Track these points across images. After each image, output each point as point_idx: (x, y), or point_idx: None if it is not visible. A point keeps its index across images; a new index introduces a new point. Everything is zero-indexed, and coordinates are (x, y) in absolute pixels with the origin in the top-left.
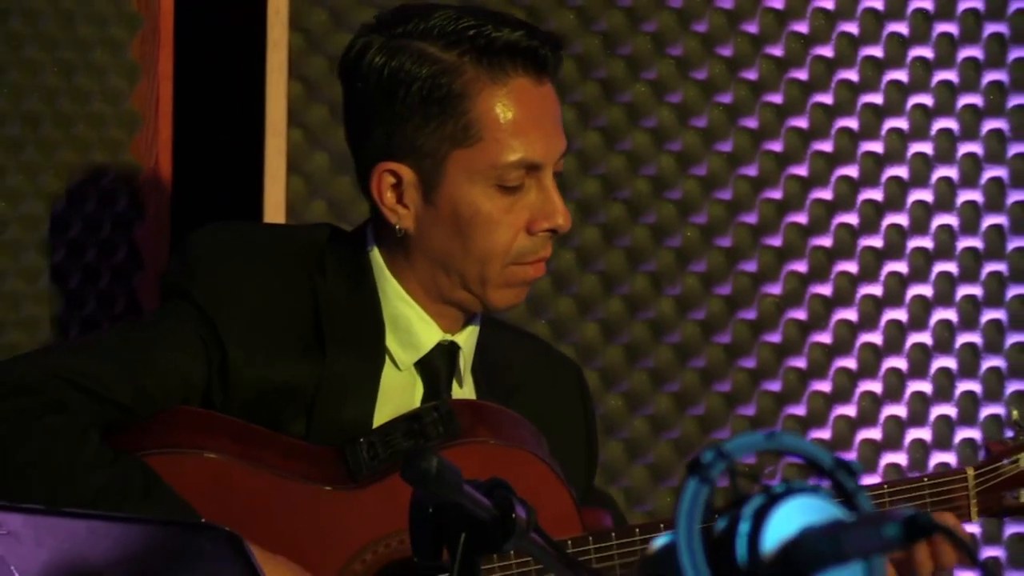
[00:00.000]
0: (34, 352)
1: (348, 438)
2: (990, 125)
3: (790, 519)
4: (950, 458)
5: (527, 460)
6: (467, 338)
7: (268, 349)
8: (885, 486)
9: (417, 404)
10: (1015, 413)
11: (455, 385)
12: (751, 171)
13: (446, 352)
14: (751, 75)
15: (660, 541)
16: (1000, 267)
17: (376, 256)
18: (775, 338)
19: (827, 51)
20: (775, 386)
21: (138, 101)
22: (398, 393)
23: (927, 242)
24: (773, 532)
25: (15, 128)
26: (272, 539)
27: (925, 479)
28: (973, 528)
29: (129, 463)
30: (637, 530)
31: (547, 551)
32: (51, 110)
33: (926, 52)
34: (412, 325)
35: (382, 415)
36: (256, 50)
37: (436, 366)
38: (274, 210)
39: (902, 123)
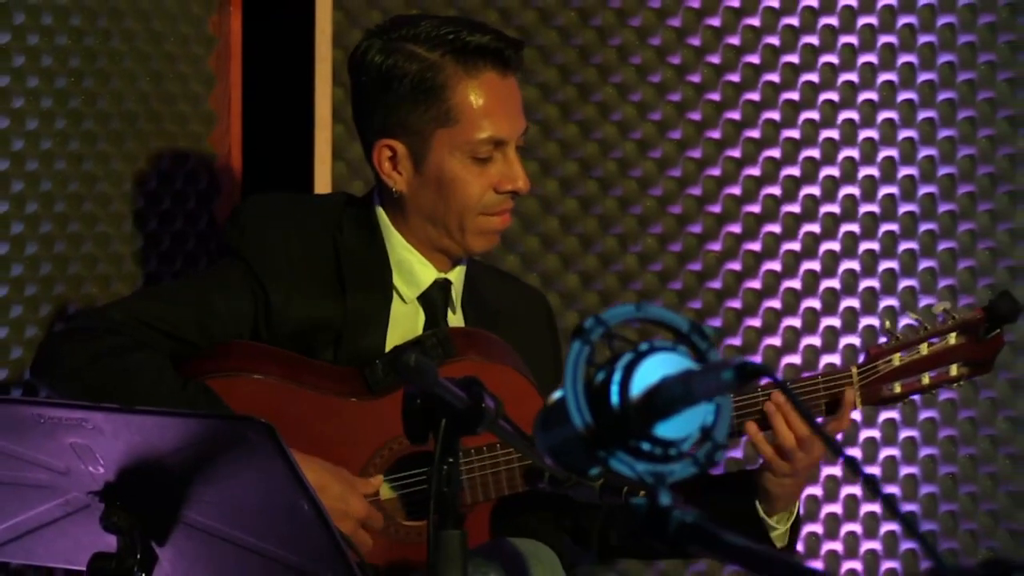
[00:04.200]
0: (120, 300)
1: (367, 361)
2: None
3: (653, 371)
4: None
5: (506, 372)
6: (457, 275)
7: (301, 293)
8: (788, 382)
9: (420, 331)
10: (887, 324)
11: (449, 313)
12: (696, 154)
13: (441, 287)
14: (695, 78)
15: (555, 395)
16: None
17: (381, 214)
18: (716, 285)
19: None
20: (716, 322)
21: (214, 103)
22: (405, 322)
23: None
24: (639, 381)
25: (116, 124)
26: (310, 443)
27: (820, 377)
28: (855, 415)
29: (198, 388)
30: None
31: (512, 434)
32: (145, 109)
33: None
34: (413, 267)
35: (392, 341)
36: (307, 62)
37: (434, 299)
38: (322, 189)
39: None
